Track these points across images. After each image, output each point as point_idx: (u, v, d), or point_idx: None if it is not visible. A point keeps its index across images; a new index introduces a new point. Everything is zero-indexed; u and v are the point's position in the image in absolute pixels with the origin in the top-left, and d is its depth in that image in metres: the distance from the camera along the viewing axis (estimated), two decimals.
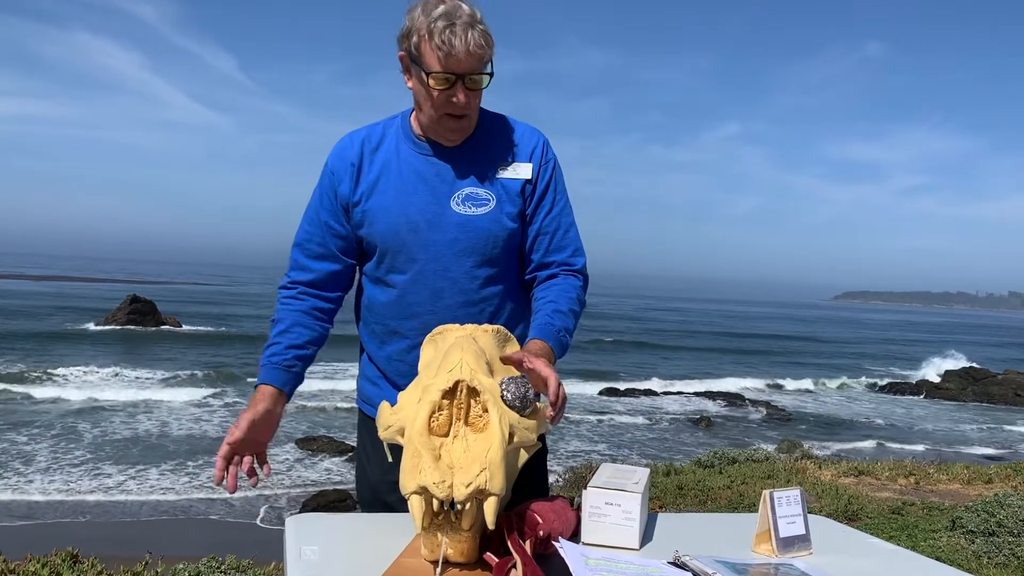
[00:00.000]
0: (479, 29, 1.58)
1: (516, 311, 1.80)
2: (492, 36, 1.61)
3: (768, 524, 1.41)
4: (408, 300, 1.73)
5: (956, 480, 7.79)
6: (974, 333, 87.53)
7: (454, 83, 1.59)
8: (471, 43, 1.55)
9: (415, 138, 1.74)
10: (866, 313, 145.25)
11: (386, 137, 1.76)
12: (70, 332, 29.10)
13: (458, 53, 1.55)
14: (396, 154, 1.74)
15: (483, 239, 1.70)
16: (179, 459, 12.86)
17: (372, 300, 1.80)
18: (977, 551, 4.99)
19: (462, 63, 1.57)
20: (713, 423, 19.66)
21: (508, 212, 1.72)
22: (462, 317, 1.69)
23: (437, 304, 1.71)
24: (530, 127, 1.80)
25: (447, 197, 1.70)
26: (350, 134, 1.80)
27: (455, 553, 1.21)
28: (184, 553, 5.25)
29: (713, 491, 6.94)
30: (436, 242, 1.69)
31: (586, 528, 1.38)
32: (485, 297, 1.74)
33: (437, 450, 1.18)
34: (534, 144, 1.77)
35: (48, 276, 76.92)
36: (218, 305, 48.25)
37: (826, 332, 63.28)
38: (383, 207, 1.71)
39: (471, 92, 1.61)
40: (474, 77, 1.59)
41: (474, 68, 1.58)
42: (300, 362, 1.74)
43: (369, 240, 1.74)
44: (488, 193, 1.71)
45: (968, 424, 22.45)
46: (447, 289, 1.71)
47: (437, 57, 1.57)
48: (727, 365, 33.59)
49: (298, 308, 1.78)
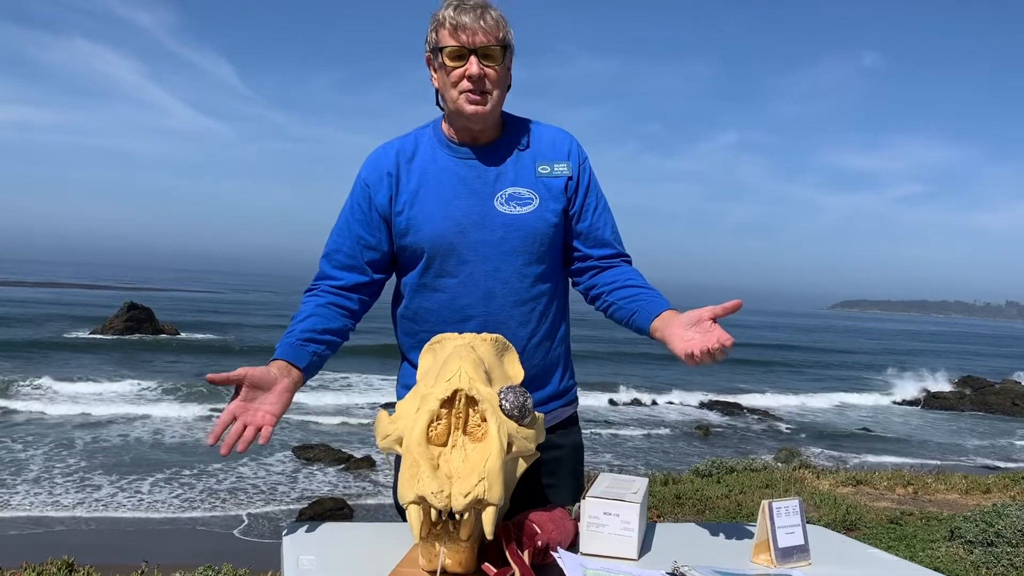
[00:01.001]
0: (492, 11, 1.64)
1: (561, 307, 1.84)
2: (507, 21, 1.67)
3: (767, 534, 1.41)
4: (461, 303, 1.73)
5: (954, 490, 7.78)
6: (972, 342, 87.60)
7: (467, 57, 1.63)
8: (481, 18, 1.62)
9: (449, 142, 1.76)
10: (864, 322, 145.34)
11: (420, 146, 1.78)
12: (64, 341, 28.95)
13: (468, 26, 1.61)
14: (433, 161, 1.75)
15: (531, 237, 1.72)
16: (174, 468, 12.82)
17: (419, 308, 1.79)
18: (975, 561, 4.98)
19: (474, 36, 1.62)
20: (711, 432, 19.65)
21: (553, 209, 1.74)
22: (516, 316, 1.73)
23: (491, 304, 1.72)
24: (558, 128, 1.84)
25: (490, 198, 1.72)
26: (382, 146, 1.81)
27: (453, 563, 1.21)
28: (178, 562, 5.23)
29: (711, 500, 6.93)
30: (485, 242, 1.71)
31: (584, 538, 1.38)
32: (535, 295, 1.75)
33: (435, 459, 1.17)
34: (568, 143, 1.81)
35: (46, 283, 76.83)
36: (216, 313, 48.19)
37: (824, 341, 63.27)
38: (427, 212, 1.72)
39: (487, 66, 1.64)
40: (488, 51, 1.63)
41: (487, 41, 1.63)
42: (313, 344, 1.68)
43: (415, 247, 1.74)
44: (531, 192, 1.73)
45: (966, 434, 22.44)
46: (499, 289, 1.72)
47: (448, 33, 1.63)
48: (726, 375, 33.56)
49: (317, 302, 1.76)
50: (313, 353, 1.67)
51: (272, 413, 1.55)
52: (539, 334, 1.77)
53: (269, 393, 1.56)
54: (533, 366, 1.76)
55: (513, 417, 1.25)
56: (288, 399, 1.59)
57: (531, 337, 1.76)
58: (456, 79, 1.65)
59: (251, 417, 1.53)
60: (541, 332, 1.78)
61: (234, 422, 1.51)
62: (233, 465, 13.12)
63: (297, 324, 1.71)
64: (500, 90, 1.69)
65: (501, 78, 1.68)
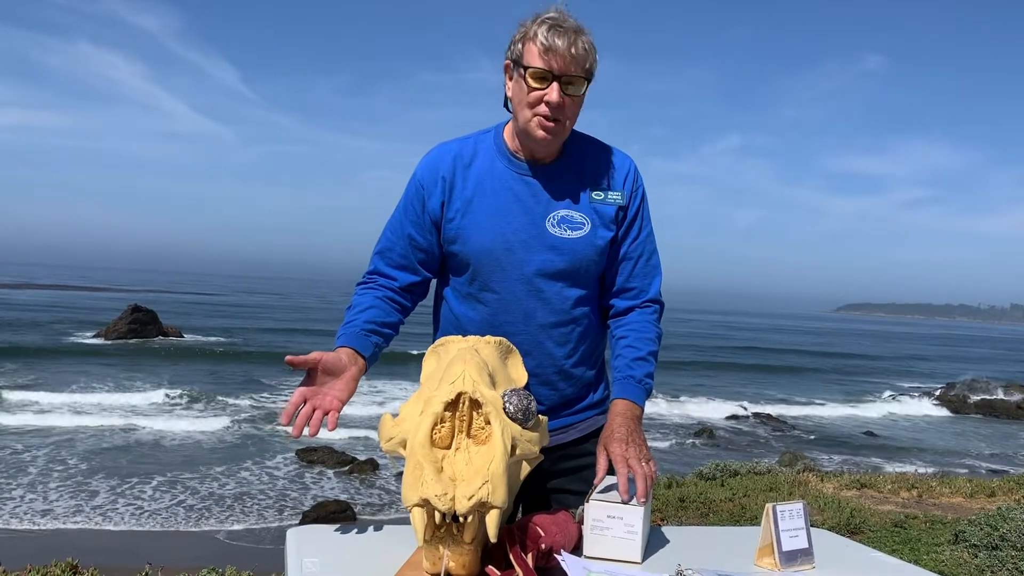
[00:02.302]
0: (584, 38, 1.60)
1: (600, 331, 1.84)
2: (596, 50, 1.62)
3: (771, 538, 1.40)
4: (500, 319, 1.72)
5: (959, 493, 7.76)
6: (978, 346, 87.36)
7: (551, 82, 1.59)
8: (573, 45, 1.57)
9: (510, 155, 1.72)
10: (868, 325, 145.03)
11: (479, 152, 1.74)
12: (66, 347, 28.84)
13: (559, 50, 1.56)
14: (490, 172, 1.72)
15: (578, 262, 1.71)
16: (176, 471, 12.82)
17: (462, 316, 1.77)
18: (980, 565, 4.97)
19: (562, 62, 1.57)
20: (715, 435, 19.61)
21: (602, 236, 1.72)
22: (555, 337, 1.72)
23: (530, 324, 1.71)
24: (621, 152, 1.80)
25: (542, 218, 1.70)
26: (440, 147, 1.79)
27: (457, 566, 1.21)
28: (181, 565, 5.23)
29: (715, 503, 6.91)
30: (530, 262, 1.69)
31: (588, 541, 1.37)
32: (575, 317, 1.74)
33: (439, 462, 1.17)
34: (627, 170, 1.77)
35: (49, 285, 76.98)
36: (220, 317, 48.24)
37: (828, 345, 63.18)
38: (478, 225, 1.70)
39: (567, 96, 1.60)
40: (572, 79, 1.59)
41: (573, 71, 1.59)
42: (375, 335, 1.69)
43: (462, 256, 1.73)
44: (583, 217, 1.71)
45: (971, 437, 22.38)
46: (539, 309, 1.71)
47: (538, 52, 1.58)
48: (729, 377, 33.52)
49: (375, 295, 1.76)
50: (375, 344, 1.68)
51: (339, 399, 1.56)
52: (577, 354, 1.76)
53: (338, 380, 1.57)
54: (571, 385, 1.76)
55: (517, 420, 1.25)
56: (354, 387, 1.60)
57: (569, 357, 1.75)
58: (534, 101, 1.61)
59: (320, 401, 1.54)
60: (580, 353, 1.77)
61: (303, 406, 1.53)
62: (236, 469, 13.12)
63: (358, 315, 1.70)
64: (573, 120, 1.67)
65: (578, 107, 1.65)
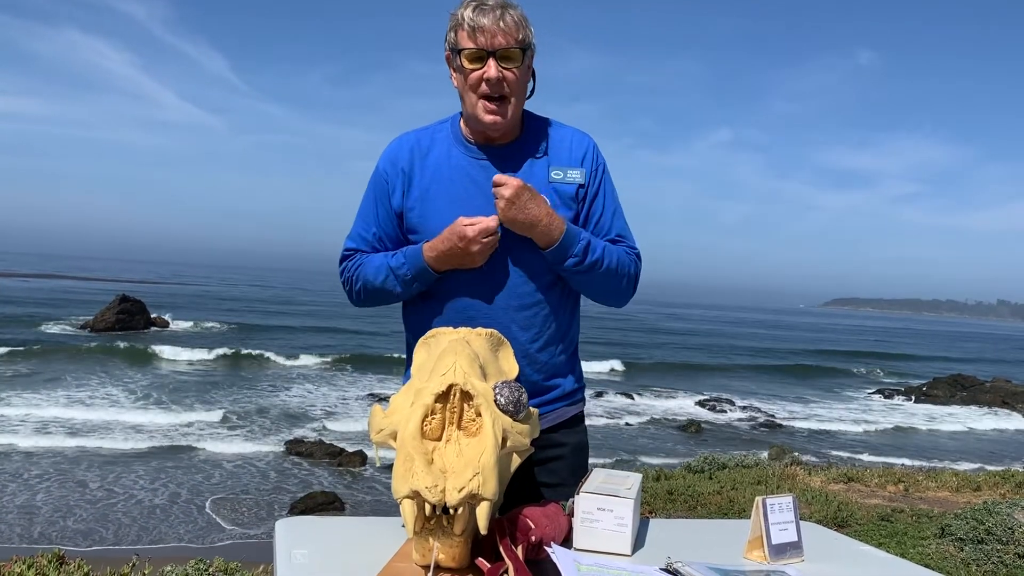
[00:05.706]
0: (512, 11, 1.61)
1: (569, 312, 1.83)
2: (527, 20, 1.64)
3: (760, 530, 1.41)
4: (463, 304, 1.73)
5: (945, 487, 7.82)
6: (965, 341, 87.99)
7: (486, 59, 1.60)
8: (501, 19, 1.59)
9: (466, 141, 1.74)
10: (856, 320, 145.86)
11: (436, 141, 1.76)
12: (48, 338, 28.62)
13: (486, 28, 1.58)
14: (447, 159, 1.74)
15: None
16: (160, 460, 12.79)
17: (425, 307, 1.78)
18: (966, 558, 5.01)
19: (491, 38, 1.59)
20: (703, 429, 19.69)
21: (562, 215, 1.71)
22: (518, 320, 1.72)
23: (494, 308, 1.72)
24: (578, 131, 1.80)
25: None
26: (399, 138, 1.81)
27: (447, 558, 1.20)
28: (169, 555, 5.22)
29: (703, 496, 6.94)
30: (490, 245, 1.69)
31: (578, 534, 1.37)
32: (540, 300, 1.74)
33: (430, 454, 1.17)
34: (586, 148, 1.78)
35: (37, 274, 76.45)
36: (208, 310, 48.00)
37: (816, 339, 63.49)
38: (438, 212, 1.71)
39: (506, 69, 1.61)
40: (507, 52, 1.60)
41: (505, 43, 1.60)
42: None
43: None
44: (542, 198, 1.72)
45: (957, 433, 22.53)
46: (502, 293, 1.72)
47: (467, 34, 1.61)
48: (717, 372, 33.66)
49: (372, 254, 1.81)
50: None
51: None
52: (542, 339, 1.76)
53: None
54: (536, 370, 1.76)
55: (508, 412, 1.25)
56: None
57: (533, 341, 1.75)
58: (475, 82, 1.62)
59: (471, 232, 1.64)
60: (545, 337, 1.76)
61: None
62: (223, 459, 13.10)
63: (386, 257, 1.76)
64: (519, 95, 1.67)
65: (520, 80, 1.65)
